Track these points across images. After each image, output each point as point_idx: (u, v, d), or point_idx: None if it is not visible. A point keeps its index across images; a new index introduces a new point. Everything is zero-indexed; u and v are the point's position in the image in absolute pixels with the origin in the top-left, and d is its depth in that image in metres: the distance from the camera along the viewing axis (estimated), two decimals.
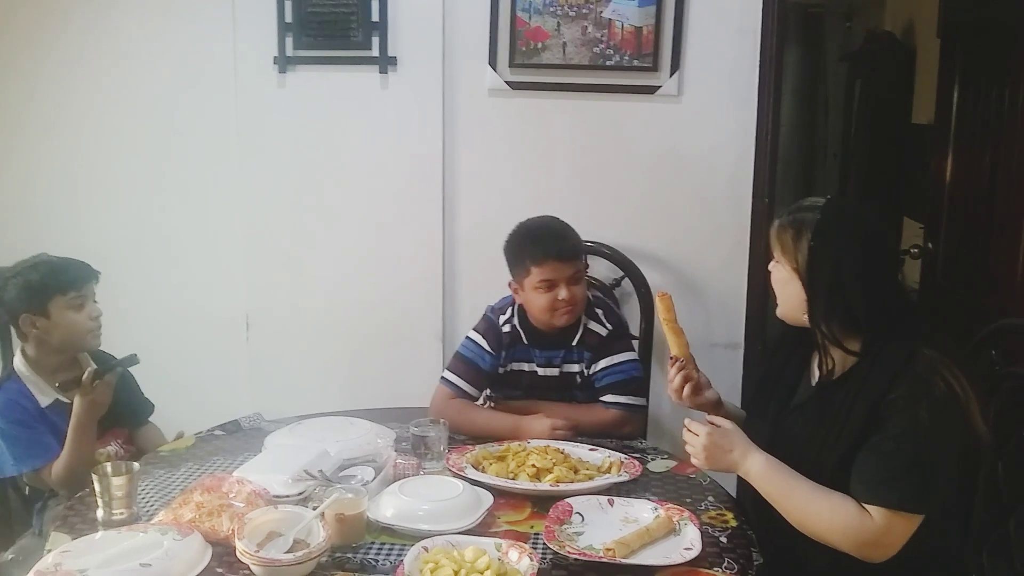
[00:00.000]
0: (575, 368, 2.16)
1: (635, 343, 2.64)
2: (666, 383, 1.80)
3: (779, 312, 1.69)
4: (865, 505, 1.48)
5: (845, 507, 1.49)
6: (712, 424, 1.62)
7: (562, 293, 2.05)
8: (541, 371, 2.18)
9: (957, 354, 1.54)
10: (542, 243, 2.07)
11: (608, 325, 2.15)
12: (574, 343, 2.14)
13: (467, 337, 2.21)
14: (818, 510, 1.51)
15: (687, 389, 1.76)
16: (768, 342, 2.70)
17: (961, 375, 1.48)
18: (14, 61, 2.82)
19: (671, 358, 1.79)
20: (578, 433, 2.03)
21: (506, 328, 2.18)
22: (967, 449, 1.53)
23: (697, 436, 1.61)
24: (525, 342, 2.17)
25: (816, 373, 1.68)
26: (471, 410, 2.14)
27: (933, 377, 1.47)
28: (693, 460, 1.64)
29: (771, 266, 1.68)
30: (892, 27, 4.36)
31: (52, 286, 2.01)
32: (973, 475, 1.72)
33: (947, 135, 3.17)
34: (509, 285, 2.16)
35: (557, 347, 2.16)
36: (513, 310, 2.18)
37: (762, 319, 2.74)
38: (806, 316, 1.61)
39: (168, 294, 2.90)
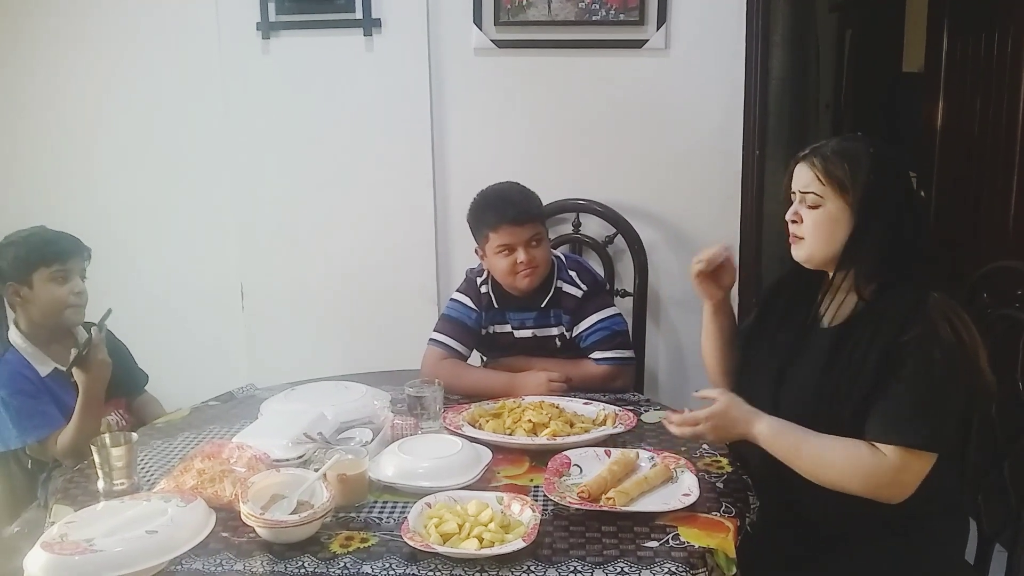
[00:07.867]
0: (552, 331, 2.17)
1: (629, 299, 2.67)
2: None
3: (807, 254, 1.61)
4: (879, 445, 1.47)
5: (858, 450, 1.48)
6: (708, 399, 1.58)
7: (520, 256, 2.06)
8: (517, 333, 2.20)
9: (958, 302, 1.53)
10: (496, 209, 2.08)
11: (583, 285, 2.15)
12: (543, 305, 2.15)
13: (451, 299, 2.24)
14: (831, 458, 1.50)
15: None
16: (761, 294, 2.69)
17: (969, 321, 1.48)
18: None
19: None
20: (571, 389, 2.05)
21: (483, 289, 2.19)
22: (969, 394, 1.52)
23: (700, 418, 1.57)
24: (496, 306, 2.18)
25: (825, 317, 1.65)
26: (464, 369, 2.15)
27: (942, 322, 1.46)
28: (706, 442, 1.60)
29: (807, 207, 1.58)
30: None
31: (37, 258, 2.01)
32: (969, 419, 1.73)
33: (937, 82, 3.16)
34: (476, 252, 2.18)
35: (528, 309, 2.17)
36: (487, 274, 2.20)
37: (755, 271, 2.74)
38: (832, 256, 1.57)
39: (161, 266, 2.89)
